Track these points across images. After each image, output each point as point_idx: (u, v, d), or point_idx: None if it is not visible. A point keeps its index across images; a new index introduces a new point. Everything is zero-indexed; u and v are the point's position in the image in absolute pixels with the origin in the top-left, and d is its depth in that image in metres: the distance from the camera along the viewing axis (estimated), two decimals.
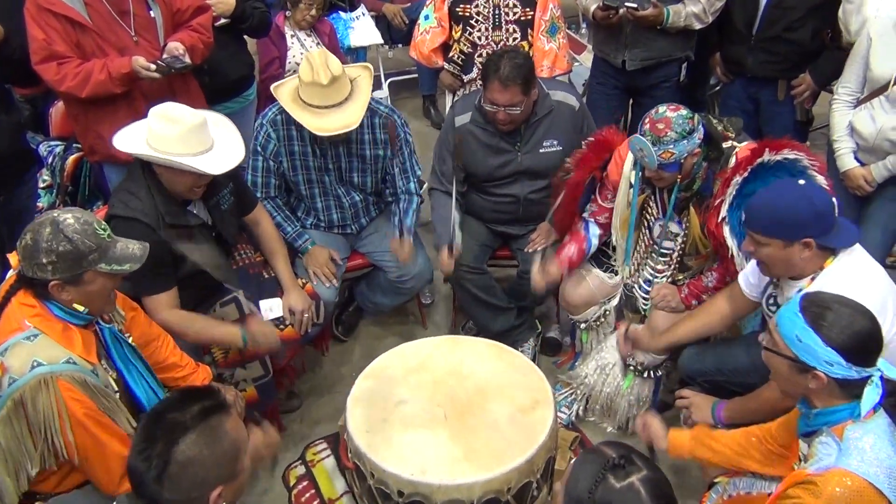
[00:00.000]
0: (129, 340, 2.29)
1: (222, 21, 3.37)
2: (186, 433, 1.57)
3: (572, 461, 1.68)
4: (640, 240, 2.99)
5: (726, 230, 2.65)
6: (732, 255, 2.65)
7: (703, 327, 2.76)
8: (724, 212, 2.63)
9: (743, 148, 2.71)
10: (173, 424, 1.58)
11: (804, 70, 3.49)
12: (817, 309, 1.82)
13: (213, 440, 1.59)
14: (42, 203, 3.38)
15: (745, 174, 2.60)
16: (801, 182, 2.30)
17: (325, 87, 2.90)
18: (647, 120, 2.65)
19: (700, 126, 2.65)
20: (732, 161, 2.70)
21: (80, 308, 2.06)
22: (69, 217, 2.02)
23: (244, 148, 2.72)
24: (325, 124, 2.92)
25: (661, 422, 2.48)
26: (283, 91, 3.02)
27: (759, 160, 2.58)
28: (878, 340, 1.81)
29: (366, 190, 3.29)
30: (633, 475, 1.55)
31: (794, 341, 1.82)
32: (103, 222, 2.09)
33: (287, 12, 3.93)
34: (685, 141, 2.59)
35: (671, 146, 2.58)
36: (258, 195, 3.15)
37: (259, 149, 3.12)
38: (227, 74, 3.50)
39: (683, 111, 2.63)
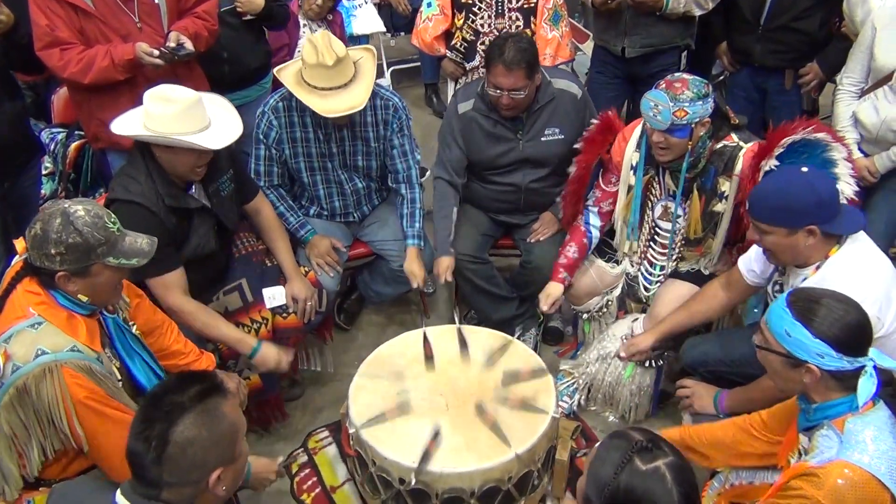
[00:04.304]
0: (134, 330, 2.29)
1: (248, 17, 3.38)
2: (184, 414, 1.59)
3: (598, 443, 1.69)
4: (645, 221, 2.99)
5: None
6: None
7: (698, 315, 2.78)
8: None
9: (749, 149, 2.71)
10: (171, 406, 1.60)
11: (812, 59, 3.49)
12: (804, 303, 1.84)
13: (211, 421, 1.61)
14: (44, 190, 3.38)
15: (777, 154, 2.60)
16: (804, 169, 2.30)
17: (330, 69, 2.88)
18: (662, 82, 2.65)
19: (712, 96, 2.65)
20: (740, 162, 2.71)
21: (84, 299, 2.06)
22: (80, 209, 2.01)
23: (241, 123, 2.71)
24: (331, 106, 2.91)
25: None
26: (287, 74, 3.01)
27: (789, 139, 2.58)
28: (866, 330, 1.82)
29: (370, 174, 3.28)
30: (660, 459, 1.56)
31: (784, 336, 1.83)
32: (113, 215, 2.09)
33: (299, 1, 3.92)
34: (700, 102, 2.60)
35: (686, 104, 2.58)
36: (261, 184, 3.14)
37: (262, 137, 3.11)
38: (247, 63, 3.51)
39: (698, 77, 2.64)
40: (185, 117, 2.51)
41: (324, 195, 3.27)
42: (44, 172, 3.37)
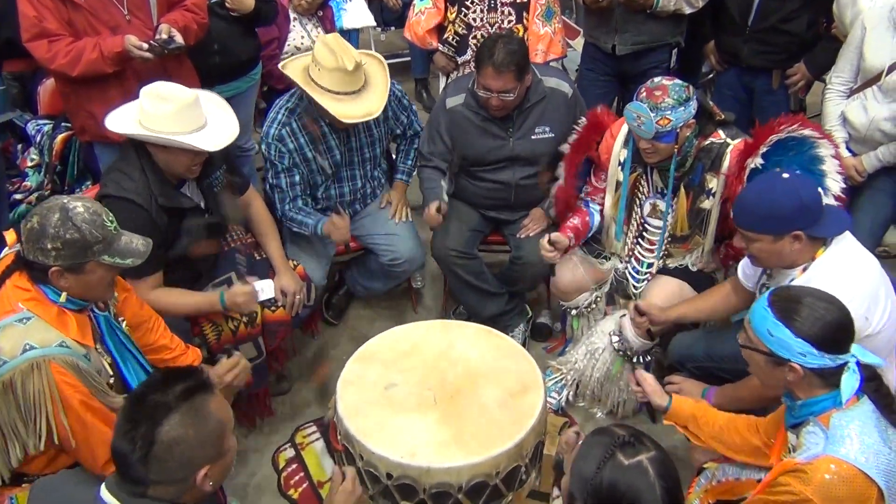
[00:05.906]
0: (124, 327, 2.27)
1: (236, 14, 3.37)
2: (170, 414, 1.57)
3: (581, 440, 1.69)
4: (633, 219, 3.00)
5: None
6: None
7: (710, 309, 2.75)
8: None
9: (735, 146, 2.72)
10: (156, 405, 1.57)
11: (799, 60, 3.49)
12: (785, 303, 1.85)
13: (197, 420, 1.59)
14: (30, 182, 3.36)
15: (762, 152, 2.60)
16: (786, 175, 2.29)
17: (349, 73, 2.87)
18: (642, 89, 2.65)
19: (694, 97, 2.66)
20: (727, 160, 2.72)
21: (75, 295, 2.04)
22: (79, 206, 2.00)
23: (237, 123, 2.70)
24: (347, 111, 2.90)
25: (654, 378, 2.47)
26: (294, 70, 2.98)
27: (776, 137, 2.59)
28: (848, 327, 1.84)
29: (376, 162, 3.31)
30: (642, 454, 1.56)
31: (767, 336, 1.85)
32: (111, 214, 2.08)
33: None
34: (682, 108, 2.60)
35: (668, 112, 2.59)
36: (287, 208, 3.14)
37: (279, 169, 3.09)
38: (236, 55, 3.49)
39: (678, 81, 2.65)
40: (182, 117, 2.49)
41: (321, 197, 3.28)
42: (29, 164, 3.36)
